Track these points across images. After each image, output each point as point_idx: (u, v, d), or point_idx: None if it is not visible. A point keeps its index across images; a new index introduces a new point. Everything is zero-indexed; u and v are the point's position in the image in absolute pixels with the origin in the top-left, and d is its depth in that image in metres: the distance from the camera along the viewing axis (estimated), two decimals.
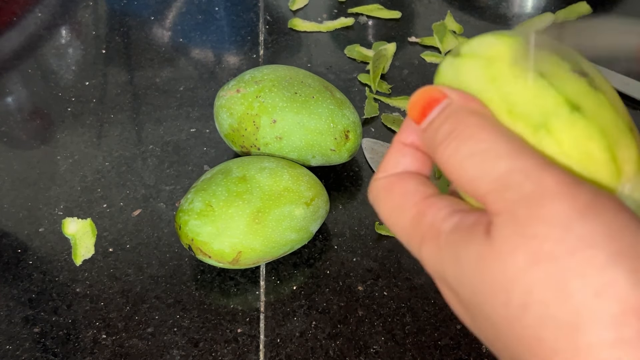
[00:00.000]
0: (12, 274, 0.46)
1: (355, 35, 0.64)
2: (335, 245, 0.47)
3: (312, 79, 0.48)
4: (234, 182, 0.42)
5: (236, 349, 0.42)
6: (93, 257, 0.47)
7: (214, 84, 0.59)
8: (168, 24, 0.66)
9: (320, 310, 0.43)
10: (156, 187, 0.51)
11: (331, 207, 0.49)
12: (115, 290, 0.45)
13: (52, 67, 0.62)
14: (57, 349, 0.42)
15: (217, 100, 0.49)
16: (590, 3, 0.64)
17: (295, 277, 0.45)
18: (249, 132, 0.46)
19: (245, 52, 0.63)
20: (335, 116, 0.46)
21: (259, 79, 0.47)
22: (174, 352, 0.42)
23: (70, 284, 0.45)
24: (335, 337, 0.42)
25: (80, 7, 0.68)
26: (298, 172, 0.44)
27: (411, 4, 0.67)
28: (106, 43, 0.64)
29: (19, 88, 0.60)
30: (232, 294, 0.44)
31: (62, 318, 0.43)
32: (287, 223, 0.42)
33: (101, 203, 0.50)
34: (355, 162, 0.52)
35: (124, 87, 0.59)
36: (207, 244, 0.41)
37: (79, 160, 0.53)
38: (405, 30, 0.64)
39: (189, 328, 0.43)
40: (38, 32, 0.65)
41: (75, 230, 0.48)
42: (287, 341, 0.42)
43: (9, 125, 0.57)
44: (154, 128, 0.56)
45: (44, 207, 0.50)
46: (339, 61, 0.61)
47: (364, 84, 0.58)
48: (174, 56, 0.62)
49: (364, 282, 0.45)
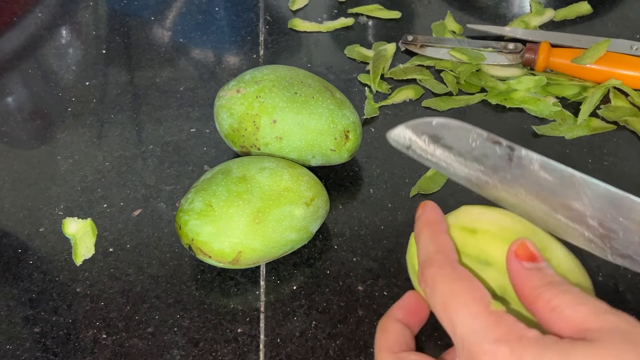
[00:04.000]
0: (13, 273, 0.46)
1: (355, 36, 0.64)
2: (335, 245, 0.47)
3: (312, 79, 0.48)
4: (234, 182, 0.42)
5: (236, 348, 0.42)
6: (93, 257, 0.47)
7: (214, 84, 0.59)
8: (168, 24, 0.67)
9: (320, 310, 0.43)
10: (156, 187, 0.51)
11: (331, 207, 0.49)
12: (115, 290, 0.45)
13: (53, 67, 0.62)
14: (58, 348, 0.42)
15: (217, 101, 0.49)
16: (590, 3, 0.64)
17: (295, 277, 0.45)
18: (249, 132, 0.47)
19: (245, 52, 0.63)
20: (335, 116, 0.46)
21: (259, 79, 0.47)
22: (174, 351, 0.42)
23: (70, 284, 0.45)
24: (335, 337, 0.42)
25: (80, 7, 0.69)
26: (298, 172, 0.44)
27: (411, 4, 0.67)
28: (106, 43, 0.64)
29: (19, 88, 0.60)
30: (232, 294, 0.44)
31: (63, 318, 0.43)
32: (287, 223, 0.42)
33: (101, 203, 0.50)
34: (355, 162, 0.52)
35: (124, 87, 0.60)
36: (207, 244, 0.41)
37: (80, 160, 0.53)
38: (405, 31, 0.64)
39: (189, 328, 0.43)
40: (38, 32, 0.66)
41: (76, 230, 0.48)
42: (287, 341, 0.42)
43: (9, 125, 0.57)
44: (154, 128, 0.56)
45: (44, 207, 0.50)
46: (339, 61, 0.61)
47: (364, 84, 0.58)
48: (174, 56, 0.63)
49: (364, 282, 0.45)
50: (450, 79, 0.58)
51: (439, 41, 0.61)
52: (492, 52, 0.59)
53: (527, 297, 0.29)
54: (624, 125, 0.54)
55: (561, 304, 0.27)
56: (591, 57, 0.56)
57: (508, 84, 0.57)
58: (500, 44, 0.60)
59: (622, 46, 0.58)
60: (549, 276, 0.29)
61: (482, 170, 0.33)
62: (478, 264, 0.32)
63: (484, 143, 0.32)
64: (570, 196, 0.30)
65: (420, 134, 0.34)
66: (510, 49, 0.59)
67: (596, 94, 0.55)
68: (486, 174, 0.33)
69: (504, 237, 0.33)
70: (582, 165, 0.51)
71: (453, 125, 0.33)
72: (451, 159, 0.34)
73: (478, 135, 0.32)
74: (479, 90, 0.57)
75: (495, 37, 0.62)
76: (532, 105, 0.55)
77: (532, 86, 0.56)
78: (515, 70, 0.59)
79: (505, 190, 0.33)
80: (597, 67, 0.56)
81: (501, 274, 0.32)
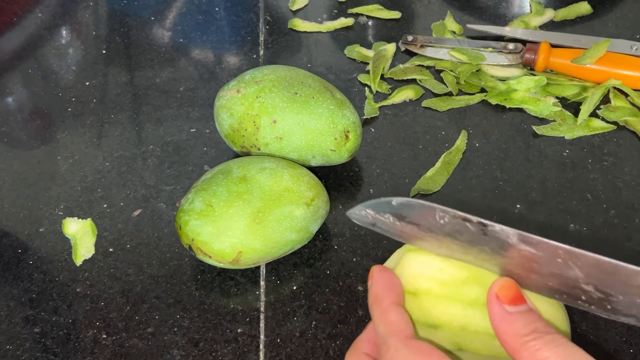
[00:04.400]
0: (13, 274, 0.46)
1: (355, 36, 0.64)
2: (335, 245, 0.47)
3: (312, 79, 0.48)
4: (234, 182, 0.42)
5: (236, 348, 0.42)
6: (93, 257, 0.47)
7: (214, 84, 0.59)
8: (168, 25, 0.67)
9: (320, 310, 0.43)
10: (156, 187, 0.51)
11: (331, 207, 0.49)
12: (115, 290, 0.45)
13: (53, 67, 0.62)
14: (58, 348, 0.42)
15: (218, 101, 0.49)
16: (590, 3, 0.64)
17: (296, 277, 0.45)
18: (249, 133, 0.47)
19: (245, 52, 0.63)
20: (335, 116, 0.46)
21: (259, 79, 0.47)
22: (174, 352, 0.42)
23: (70, 284, 0.45)
24: (335, 337, 0.42)
25: (80, 8, 0.69)
26: (298, 172, 0.44)
27: (411, 4, 0.67)
28: (106, 43, 0.64)
29: (19, 88, 0.60)
30: (232, 294, 0.44)
31: (63, 318, 0.43)
32: (287, 223, 0.42)
33: (101, 203, 0.50)
34: (355, 162, 0.52)
35: (125, 87, 0.60)
36: (208, 244, 0.41)
37: (80, 160, 0.53)
38: (405, 31, 0.64)
39: (189, 328, 0.43)
40: (38, 32, 0.66)
41: (76, 230, 0.48)
42: (287, 341, 0.42)
43: (9, 125, 0.57)
44: (154, 128, 0.56)
45: (44, 207, 0.50)
46: (339, 61, 0.61)
47: (364, 84, 0.58)
48: (174, 56, 0.63)
49: (364, 282, 0.45)
50: (450, 79, 0.58)
51: (439, 41, 0.61)
52: (492, 52, 0.59)
53: (512, 344, 0.27)
54: (624, 125, 0.54)
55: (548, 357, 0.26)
56: (591, 57, 0.56)
57: (508, 84, 0.57)
58: (500, 44, 0.60)
59: (622, 46, 0.58)
60: (533, 322, 0.27)
61: (458, 244, 0.31)
62: (427, 328, 0.32)
63: (453, 220, 0.30)
64: (559, 266, 0.28)
65: (382, 213, 0.32)
66: (510, 49, 0.59)
67: (596, 94, 0.55)
68: (463, 247, 0.31)
69: (446, 296, 0.31)
70: (582, 165, 0.51)
71: (415, 204, 0.30)
72: (422, 234, 0.31)
73: (444, 213, 0.30)
74: (479, 90, 0.57)
75: (495, 37, 0.62)
76: (532, 105, 0.55)
77: (532, 86, 0.56)
78: (515, 70, 0.59)
79: (486, 260, 0.30)
80: (597, 67, 0.56)
81: (451, 332, 0.31)
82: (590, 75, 0.57)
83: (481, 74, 0.59)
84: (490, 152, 0.53)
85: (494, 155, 0.52)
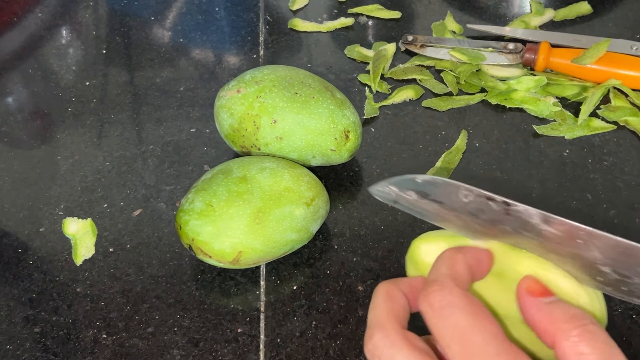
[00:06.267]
0: (13, 273, 0.46)
1: (355, 36, 0.64)
2: (335, 245, 0.47)
3: (312, 79, 0.48)
4: (234, 182, 0.42)
5: (236, 348, 0.42)
6: (93, 257, 0.47)
7: (214, 84, 0.59)
8: (168, 24, 0.67)
9: (320, 310, 0.43)
10: (156, 187, 0.51)
11: (331, 207, 0.49)
12: (115, 290, 0.45)
13: (53, 67, 0.62)
14: (58, 348, 0.42)
15: (218, 101, 0.49)
16: (590, 3, 0.64)
17: (296, 277, 0.45)
18: (250, 132, 0.47)
19: (246, 52, 0.63)
20: (335, 116, 0.46)
21: (259, 79, 0.47)
22: (174, 351, 0.42)
23: (70, 284, 0.45)
24: (335, 337, 0.42)
25: (80, 7, 0.69)
26: (298, 172, 0.44)
27: (411, 4, 0.67)
28: (106, 43, 0.64)
29: (20, 88, 0.60)
30: (233, 294, 0.44)
31: (63, 318, 0.43)
32: (287, 223, 0.42)
33: (101, 203, 0.50)
34: (355, 162, 0.52)
35: (125, 87, 0.60)
36: (208, 244, 0.41)
37: (80, 160, 0.53)
38: (405, 31, 0.64)
39: (189, 328, 0.43)
40: (38, 32, 0.66)
41: (76, 230, 0.48)
42: (287, 341, 0.42)
43: (9, 125, 0.57)
44: (154, 128, 0.56)
45: (44, 207, 0.50)
46: (339, 61, 0.61)
47: (364, 84, 0.58)
48: (174, 56, 0.63)
49: (364, 282, 0.45)
50: (450, 79, 0.58)
51: (439, 41, 0.61)
52: (492, 52, 0.59)
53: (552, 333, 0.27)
54: (624, 125, 0.54)
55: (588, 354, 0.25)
56: (591, 57, 0.56)
57: (508, 84, 0.57)
58: (500, 44, 0.60)
59: (622, 46, 0.58)
60: (570, 308, 0.27)
61: (479, 224, 0.31)
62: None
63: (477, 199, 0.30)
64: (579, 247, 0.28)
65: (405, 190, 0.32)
66: (510, 49, 0.59)
67: (596, 94, 0.55)
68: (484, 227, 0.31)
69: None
70: (582, 165, 0.51)
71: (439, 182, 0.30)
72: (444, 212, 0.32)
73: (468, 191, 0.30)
74: (479, 90, 0.57)
75: (495, 37, 0.62)
76: (532, 105, 0.55)
77: (532, 86, 0.56)
78: (515, 70, 0.59)
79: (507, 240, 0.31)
80: (597, 67, 0.56)
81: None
82: (590, 75, 0.57)
83: (481, 74, 0.59)
84: (490, 152, 0.53)
85: (494, 155, 0.52)
